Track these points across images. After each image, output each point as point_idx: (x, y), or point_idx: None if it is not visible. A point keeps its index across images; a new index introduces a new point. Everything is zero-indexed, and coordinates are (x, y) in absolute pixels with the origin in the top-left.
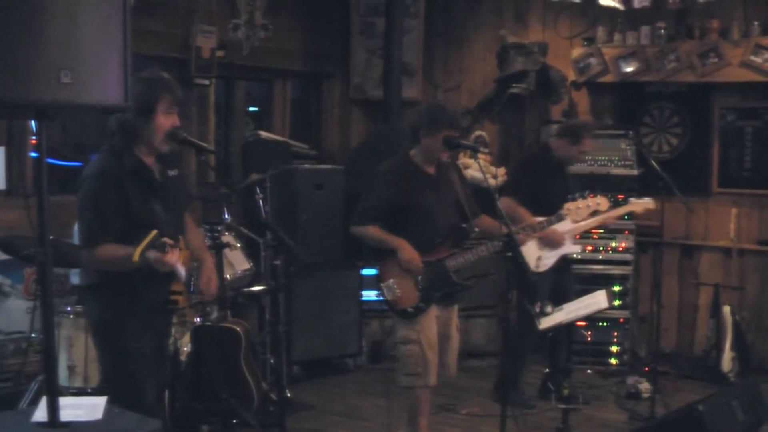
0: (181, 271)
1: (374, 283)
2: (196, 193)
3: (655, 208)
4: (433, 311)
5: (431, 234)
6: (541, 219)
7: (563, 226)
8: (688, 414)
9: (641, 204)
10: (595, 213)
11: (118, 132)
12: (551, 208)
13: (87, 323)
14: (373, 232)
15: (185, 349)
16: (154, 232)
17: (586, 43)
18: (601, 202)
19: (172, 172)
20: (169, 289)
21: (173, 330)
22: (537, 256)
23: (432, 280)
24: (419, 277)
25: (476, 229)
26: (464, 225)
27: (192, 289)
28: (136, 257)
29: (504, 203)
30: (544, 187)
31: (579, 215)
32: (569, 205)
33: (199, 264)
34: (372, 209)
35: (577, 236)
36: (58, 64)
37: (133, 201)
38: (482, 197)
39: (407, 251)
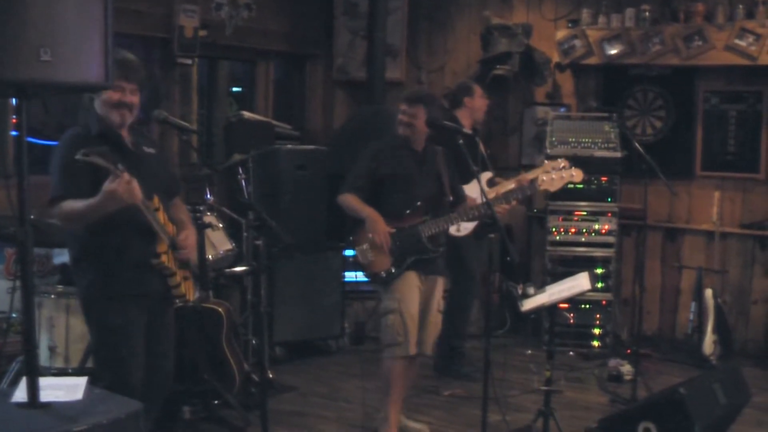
0: (159, 230)
1: (353, 256)
2: (179, 174)
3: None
4: (413, 280)
5: (408, 201)
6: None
7: (474, 192)
8: (670, 397)
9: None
10: (569, 183)
11: (84, 107)
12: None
13: (78, 299)
14: (350, 200)
15: None
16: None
17: (570, 25)
18: (576, 173)
19: (148, 149)
20: (153, 250)
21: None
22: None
23: (404, 245)
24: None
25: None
26: (444, 198)
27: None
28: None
29: None
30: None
31: (554, 185)
32: (544, 176)
33: (180, 230)
34: (354, 179)
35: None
36: (38, 42)
37: None
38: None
39: (375, 221)
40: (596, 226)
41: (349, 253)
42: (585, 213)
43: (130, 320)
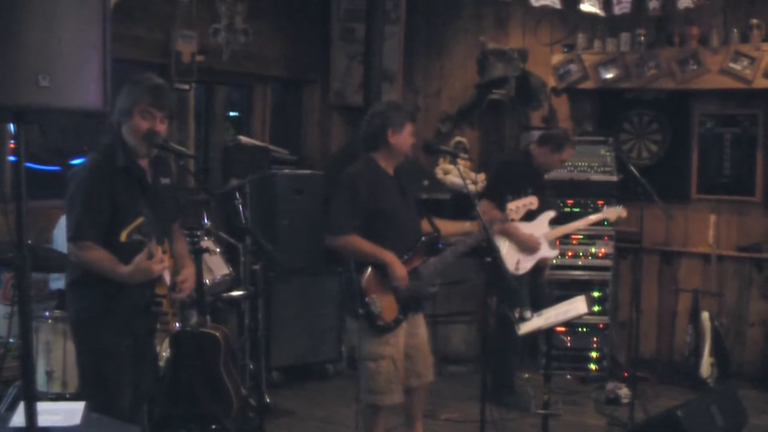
0: (166, 275)
1: (351, 294)
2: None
3: (625, 216)
4: (403, 325)
5: (406, 240)
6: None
7: (538, 230)
8: (667, 419)
9: (614, 212)
10: (529, 212)
11: (108, 131)
12: (527, 214)
13: (69, 320)
14: (359, 243)
15: (164, 354)
16: (141, 217)
17: (566, 49)
18: (533, 201)
19: (164, 180)
20: (153, 293)
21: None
22: (516, 260)
23: (411, 291)
24: (400, 290)
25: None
26: (433, 231)
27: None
28: (123, 238)
29: (482, 206)
30: (521, 193)
31: (518, 214)
32: (510, 205)
33: (180, 269)
34: (352, 217)
35: (557, 242)
36: (37, 68)
37: (122, 198)
38: (462, 203)
39: (399, 267)
40: (593, 250)
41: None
42: (582, 236)
43: (119, 343)
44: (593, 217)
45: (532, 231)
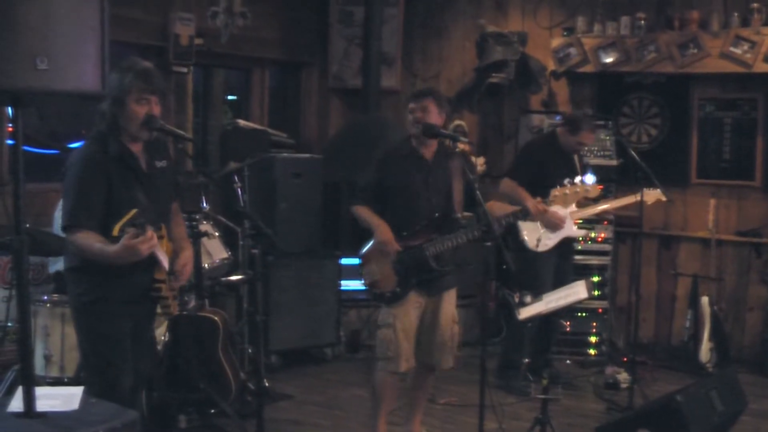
0: (163, 259)
1: (354, 271)
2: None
3: (665, 200)
4: (413, 297)
5: (414, 217)
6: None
7: (564, 209)
8: (667, 404)
9: (653, 194)
10: (586, 200)
11: (100, 120)
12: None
13: (69, 306)
14: (361, 211)
15: (162, 338)
16: (134, 210)
17: (565, 33)
18: (590, 188)
19: (160, 163)
20: (152, 277)
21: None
22: (537, 237)
23: (410, 266)
24: (395, 262)
25: (462, 218)
26: (452, 213)
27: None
28: (115, 232)
29: (505, 184)
30: (545, 172)
31: (566, 201)
32: (556, 191)
33: (178, 252)
34: (363, 190)
35: (575, 221)
36: (35, 51)
37: (116, 187)
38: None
39: (383, 233)
40: (592, 234)
41: (345, 261)
42: (581, 221)
43: (119, 328)
44: (625, 200)
45: (557, 208)
